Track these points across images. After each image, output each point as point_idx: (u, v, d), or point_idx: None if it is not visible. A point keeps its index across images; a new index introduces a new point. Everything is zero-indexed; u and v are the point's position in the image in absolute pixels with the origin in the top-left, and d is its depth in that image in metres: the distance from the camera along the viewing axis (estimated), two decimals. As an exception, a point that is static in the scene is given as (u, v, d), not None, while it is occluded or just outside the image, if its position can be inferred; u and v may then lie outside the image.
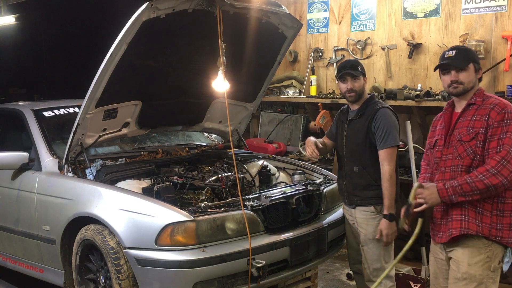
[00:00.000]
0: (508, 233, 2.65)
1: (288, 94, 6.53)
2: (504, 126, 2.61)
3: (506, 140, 2.59)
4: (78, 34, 12.24)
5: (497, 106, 2.67)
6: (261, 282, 3.35)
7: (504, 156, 2.58)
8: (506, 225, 2.65)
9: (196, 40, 4.04)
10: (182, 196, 3.72)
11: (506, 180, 2.56)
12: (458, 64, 2.77)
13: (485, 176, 2.58)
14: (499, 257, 2.69)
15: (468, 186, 2.61)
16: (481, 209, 2.67)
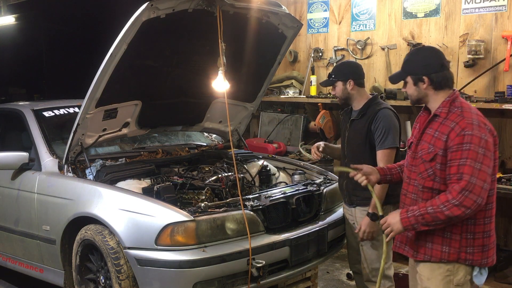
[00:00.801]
0: (481, 255, 2.49)
1: (288, 94, 6.53)
2: (464, 150, 2.40)
3: (466, 169, 2.39)
4: (78, 34, 12.22)
5: (457, 126, 2.44)
6: (261, 282, 3.35)
7: (464, 187, 2.38)
8: (477, 247, 2.49)
9: (196, 40, 4.04)
10: (182, 196, 3.72)
11: (469, 211, 2.39)
12: (392, 81, 2.76)
13: (446, 207, 2.40)
14: (465, 270, 2.52)
15: (429, 217, 2.44)
16: (449, 233, 2.51)
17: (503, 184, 4.53)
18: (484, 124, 2.46)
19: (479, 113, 2.53)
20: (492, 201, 2.53)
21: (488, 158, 2.41)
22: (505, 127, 4.99)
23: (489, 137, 2.44)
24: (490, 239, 2.52)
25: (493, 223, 2.56)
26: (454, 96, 2.55)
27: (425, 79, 2.57)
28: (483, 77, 4.97)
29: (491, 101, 4.70)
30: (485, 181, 2.39)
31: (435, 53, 2.66)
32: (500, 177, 4.60)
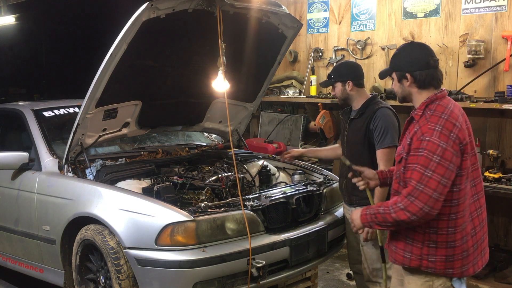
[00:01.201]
0: (444, 265, 2.39)
1: (288, 94, 6.53)
2: (419, 156, 2.32)
3: (415, 174, 2.31)
4: (78, 34, 12.23)
5: (419, 131, 2.36)
6: (261, 282, 3.35)
7: (410, 192, 2.31)
8: (440, 256, 2.39)
9: (196, 40, 4.04)
10: (182, 196, 3.72)
11: (415, 217, 2.30)
12: (380, 76, 2.64)
13: (394, 210, 2.35)
14: (444, 278, 2.44)
15: (380, 217, 2.41)
16: (411, 239, 2.44)
17: (503, 184, 4.52)
18: (449, 131, 2.32)
19: (456, 117, 2.39)
20: (457, 211, 2.39)
21: (443, 167, 2.28)
22: (505, 127, 4.99)
23: (452, 146, 2.31)
24: (455, 249, 2.39)
25: (461, 233, 2.41)
26: (433, 98, 2.44)
27: (408, 76, 2.47)
28: (483, 77, 4.96)
29: (491, 101, 4.70)
30: (434, 190, 2.28)
31: (422, 50, 2.53)
32: (500, 177, 4.60)
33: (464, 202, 2.40)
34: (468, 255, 2.43)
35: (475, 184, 2.48)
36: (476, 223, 2.47)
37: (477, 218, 2.48)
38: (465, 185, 2.39)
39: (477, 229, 2.47)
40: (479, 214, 2.50)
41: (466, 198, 2.41)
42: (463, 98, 4.84)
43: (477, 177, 2.50)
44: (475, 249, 2.46)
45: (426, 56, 2.47)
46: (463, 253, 2.41)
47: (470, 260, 2.44)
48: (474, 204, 2.48)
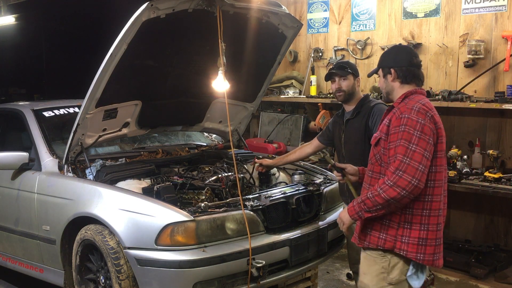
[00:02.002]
0: (416, 248, 2.45)
1: (288, 94, 6.53)
2: (400, 132, 2.43)
3: (400, 148, 2.41)
4: (78, 34, 12.23)
5: (398, 111, 2.50)
6: (261, 282, 3.35)
7: (397, 166, 2.39)
8: (413, 238, 2.46)
9: (196, 40, 4.04)
10: (182, 196, 3.71)
11: (405, 192, 2.36)
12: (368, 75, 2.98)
13: (382, 189, 2.40)
14: (400, 269, 2.52)
15: (369, 202, 2.46)
16: (388, 220, 2.50)
17: (503, 184, 4.53)
18: (426, 111, 2.46)
19: (431, 108, 2.53)
20: (433, 193, 2.47)
21: (424, 141, 2.40)
22: (505, 127, 4.99)
23: (429, 123, 2.44)
24: (428, 233, 2.45)
25: (435, 218, 2.48)
26: (413, 91, 2.61)
27: (392, 71, 2.67)
28: (483, 77, 4.97)
29: (491, 101, 4.70)
30: (420, 163, 2.37)
31: (406, 50, 2.79)
32: (500, 177, 4.61)
33: (440, 187, 2.49)
34: (440, 244, 2.49)
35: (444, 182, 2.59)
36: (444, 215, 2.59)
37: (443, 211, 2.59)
38: (441, 170, 2.50)
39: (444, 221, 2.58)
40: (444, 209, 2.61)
41: (442, 184, 2.51)
42: (463, 98, 4.84)
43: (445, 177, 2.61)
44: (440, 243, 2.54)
45: (410, 56, 2.68)
46: (436, 240, 2.47)
47: (441, 250, 2.50)
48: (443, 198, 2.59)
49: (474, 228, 5.21)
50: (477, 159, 5.01)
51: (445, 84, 5.27)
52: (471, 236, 5.18)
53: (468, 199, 5.13)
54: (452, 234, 5.33)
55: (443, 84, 5.29)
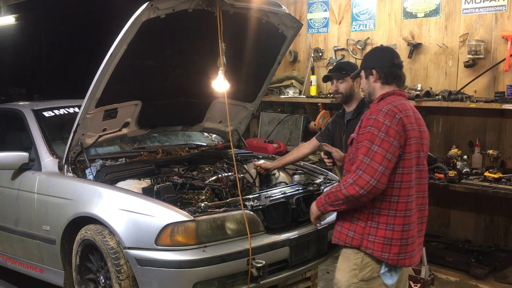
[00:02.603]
0: (381, 247, 2.49)
1: (288, 94, 6.53)
2: (365, 133, 2.50)
3: (362, 149, 2.48)
4: (78, 34, 12.24)
5: (369, 112, 2.56)
6: (261, 282, 3.35)
7: (358, 165, 2.46)
8: (379, 238, 2.49)
9: (196, 40, 4.04)
10: (182, 196, 3.72)
11: (363, 191, 2.42)
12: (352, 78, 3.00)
13: (344, 186, 2.48)
14: (372, 267, 2.54)
15: (333, 196, 2.54)
16: (356, 218, 2.56)
17: (503, 184, 4.53)
18: (395, 113, 2.48)
19: (405, 109, 2.54)
20: (400, 194, 2.49)
21: (387, 143, 2.43)
22: (505, 127, 4.99)
23: (395, 125, 2.45)
24: (393, 233, 2.48)
25: (401, 218, 2.49)
26: (391, 92, 2.63)
27: (373, 72, 2.67)
28: (483, 77, 4.97)
29: (491, 101, 4.70)
30: (380, 164, 2.41)
31: (387, 51, 2.80)
32: (500, 177, 4.60)
33: (407, 188, 2.50)
34: (407, 245, 2.50)
35: (420, 183, 2.61)
36: (416, 216, 2.58)
37: (417, 212, 2.59)
38: (410, 171, 2.51)
39: (416, 222, 2.58)
40: (422, 210, 2.63)
41: (411, 186, 2.51)
42: (463, 98, 4.84)
43: (423, 178, 2.65)
44: (413, 242, 2.54)
45: (392, 57, 2.71)
46: (402, 240, 2.48)
47: (408, 251, 2.50)
48: (417, 200, 2.58)
49: (474, 228, 5.22)
50: (477, 159, 5.01)
51: (445, 84, 5.27)
52: (471, 236, 5.18)
53: (468, 199, 5.13)
54: (452, 234, 5.33)
55: (443, 84, 5.29)
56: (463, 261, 4.72)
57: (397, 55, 2.74)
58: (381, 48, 2.96)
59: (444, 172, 4.80)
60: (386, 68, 2.66)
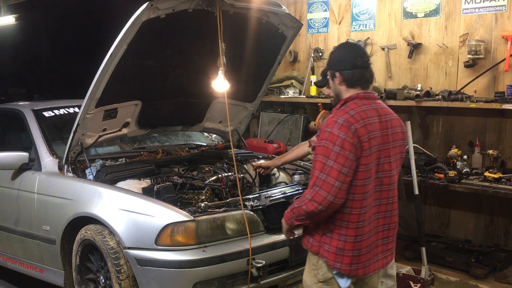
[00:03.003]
0: (335, 257, 2.47)
1: (288, 94, 6.53)
2: (321, 146, 2.42)
3: (317, 163, 2.40)
4: (78, 34, 12.23)
5: (325, 123, 2.46)
6: (261, 282, 3.35)
7: (315, 182, 2.40)
8: (332, 247, 2.47)
9: (196, 40, 4.04)
10: (182, 196, 3.72)
11: (321, 207, 2.37)
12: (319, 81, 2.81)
13: (303, 202, 2.43)
14: (326, 268, 2.53)
15: (296, 211, 2.49)
16: (316, 226, 2.54)
17: (503, 184, 4.53)
18: (351, 124, 2.38)
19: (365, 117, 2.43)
20: (352, 206, 2.42)
21: (343, 157, 2.35)
22: (505, 127, 4.99)
23: (350, 138, 2.36)
24: (345, 244, 2.44)
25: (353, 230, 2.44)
26: (354, 96, 2.51)
27: (337, 75, 2.55)
28: (483, 77, 4.96)
29: (491, 101, 4.69)
30: (336, 179, 2.35)
31: (350, 50, 2.62)
32: (500, 177, 4.60)
33: (360, 200, 2.43)
34: (360, 255, 2.45)
35: (382, 190, 2.51)
36: (373, 225, 2.50)
37: (373, 222, 2.50)
38: (365, 183, 2.42)
39: (372, 232, 2.49)
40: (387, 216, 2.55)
41: (365, 197, 2.43)
42: (463, 98, 4.84)
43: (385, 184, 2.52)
44: (367, 252, 2.48)
45: (354, 56, 2.54)
46: (354, 251, 2.45)
47: (361, 261, 2.46)
48: (375, 208, 2.50)
49: (474, 228, 5.21)
50: (477, 159, 5.01)
51: (445, 84, 5.27)
52: (471, 236, 5.17)
53: (468, 199, 5.12)
54: (452, 234, 5.33)
55: (443, 84, 5.29)
56: (463, 261, 4.72)
57: (360, 54, 2.57)
58: (344, 47, 2.77)
59: (444, 172, 4.80)
60: (349, 70, 2.52)
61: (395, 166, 2.55)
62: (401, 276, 4.15)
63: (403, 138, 2.61)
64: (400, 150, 2.59)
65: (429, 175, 4.90)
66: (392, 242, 2.61)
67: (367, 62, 2.57)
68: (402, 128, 2.61)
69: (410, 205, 4.81)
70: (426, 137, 5.49)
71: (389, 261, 2.62)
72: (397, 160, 2.57)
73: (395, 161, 2.55)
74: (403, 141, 2.61)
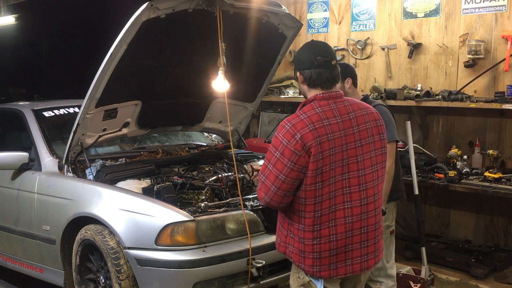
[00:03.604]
0: (298, 258, 2.44)
1: (288, 94, 6.53)
2: (269, 149, 2.42)
3: (263, 165, 2.42)
4: (78, 34, 12.23)
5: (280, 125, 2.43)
6: (261, 282, 3.35)
7: (262, 171, 2.42)
8: (295, 249, 2.45)
9: (196, 40, 4.04)
10: (182, 196, 3.71)
11: (267, 198, 2.39)
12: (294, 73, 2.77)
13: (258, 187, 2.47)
14: (303, 271, 2.49)
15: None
16: (282, 227, 2.53)
17: (503, 184, 4.53)
18: (297, 131, 2.32)
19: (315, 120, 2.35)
20: (305, 210, 2.37)
21: (281, 163, 2.33)
22: (505, 127, 4.99)
23: (292, 146, 2.32)
24: (305, 246, 2.40)
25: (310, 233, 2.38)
26: (312, 98, 2.44)
27: (298, 74, 2.51)
28: (483, 77, 4.96)
29: (491, 101, 4.70)
30: (273, 184, 2.35)
31: (310, 49, 2.53)
32: (500, 177, 4.60)
33: (313, 204, 2.36)
34: (321, 258, 2.40)
35: (351, 191, 2.41)
36: (339, 230, 2.41)
37: (343, 225, 2.41)
38: (315, 188, 2.35)
39: (339, 236, 2.40)
40: (363, 219, 2.44)
41: (319, 201, 2.36)
42: (463, 98, 4.84)
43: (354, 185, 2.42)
44: (334, 254, 2.41)
45: (311, 55, 2.46)
46: (314, 253, 2.40)
47: (324, 263, 2.41)
48: (344, 211, 2.41)
49: (474, 228, 5.21)
50: (477, 159, 5.01)
51: (445, 84, 5.27)
52: (471, 236, 5.17)
53: (468, 199, 5.12)
54: (452, 234, 5.33)
55: (443, 84, 5.29)
56: (463, 261, 4.72)
57: (321, 53, 2.47)
58: (304, 47, 2.61)
59: (444, 172, 4.80)
60: (307, 70, 2.45)
61: (369, 164, 2.43)
62: (401, 276, 4.15)
63: (377, 132, 2.48)
64: (375, 146, 2.46)
65: (429, 175, 4.90)
66: (373, 245, 2.48)
67: (328, 61, 2.45)
68: (375, 122, 2.48)
69: (410, 205, 4.81)
70: (426, 137, 5.49)
71: (371, 265, 2.50)
72: (372, 157, 2.44)
73: (369, 159, 2.43)
74: (378, 135, 2.48)
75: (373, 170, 2.45)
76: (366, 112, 2.48)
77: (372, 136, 2.46)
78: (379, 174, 2.49)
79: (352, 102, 2.49)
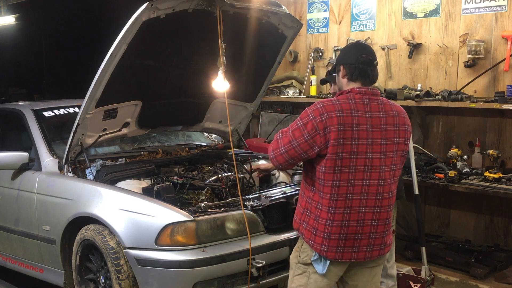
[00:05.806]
0: (310, 235, 2.58)
1: (288, 94, 6.53)
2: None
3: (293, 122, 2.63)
4: (78, 34, 12.23)
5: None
6: (261, 282, 3.35)
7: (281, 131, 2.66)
8: (309, 226, 2.60)
9: (196, 40, 4.04)
10: (182, 196, 3.72)
11: (273, 153, 2.62)
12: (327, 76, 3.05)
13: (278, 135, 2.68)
14: (307, 252, 2.63)
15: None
16: (300, 205, 2.69)
17: (503, 184, 4.53)
18: (323, 112, 2.51)
19: (344, 108, 2.52)
20: (324, 191, 2.52)
21: (299, 132, 2.53)
22: (505, 127, 4.99)
23: (317, 122, 2.50)
24: (319, 225, 2.54)
25: (325, 213, 2.51)
26: (349, 90, 2.61)
27: (341, 68, 2.69)
28: (483, 77, 4.96)
29: (491, 101, 4.70)
30: (284, 145, 2.57)
31: (355, 48, 2.81)
32: (500, 177, 4.60)
33: (331, 187, 2.51)
34: (330, 239, 2.54)
35: (370, 184, 2.54)
36: (352, 217, 2.54)
37: (356, 214, 2.54)
38: (334, 171, 2.50)
39: (351, 223, 2.54)
40: (362, 212, 2.56)
41: (337, 185, 2.51)
42: (463, 98, 4.84)
43: (380, 179, 2.55)
44: (343, 239, 2.54)
45: (358, 53, 2.70)
46: (325, 233, 2.54)
47: (332, 245, 2.54)
48: (360, 201, 2.54)
49: (474, 228, 5.21)
50: (477, 159, 5.01)
51: (445, 84, 5.27)
52: (471, 236, 5.17)
53: (468, 199, 5.13)
54: (452, 234, 5.33)
55: (443, 84, 5.29)
56: (463, 261, 4.72)
57: (366, 52, 2.73)
58: (350, 45, 2.99)
59: (444, 172, 4.80)
60: (352, 65, 2.65)
61: (389, 162, 2.57)
62: (401, 276, 4.15)
63: (404, 136, 2.62)
64: (398, 147, 2.60)
65: (429, 175, 4.90)
66: (380, 239, 2.62)
67: (372, 60, 2.71)
68: (404, 126, 2.63)
69: (410, 205, 4.81)
70: (426, 137, 5.49)
71: (375, 256, 2.63)
72: (393, 157, 2.59)
73: (390, 158, 2.58)
74: (403, 139, 2.62)
75: (391, 169, 2.60)
76: (398, 115, 2.64)
77: (398, 137, 2.61)
78: (395, 174, 2.64)
79: (386, 102, 2.66)
